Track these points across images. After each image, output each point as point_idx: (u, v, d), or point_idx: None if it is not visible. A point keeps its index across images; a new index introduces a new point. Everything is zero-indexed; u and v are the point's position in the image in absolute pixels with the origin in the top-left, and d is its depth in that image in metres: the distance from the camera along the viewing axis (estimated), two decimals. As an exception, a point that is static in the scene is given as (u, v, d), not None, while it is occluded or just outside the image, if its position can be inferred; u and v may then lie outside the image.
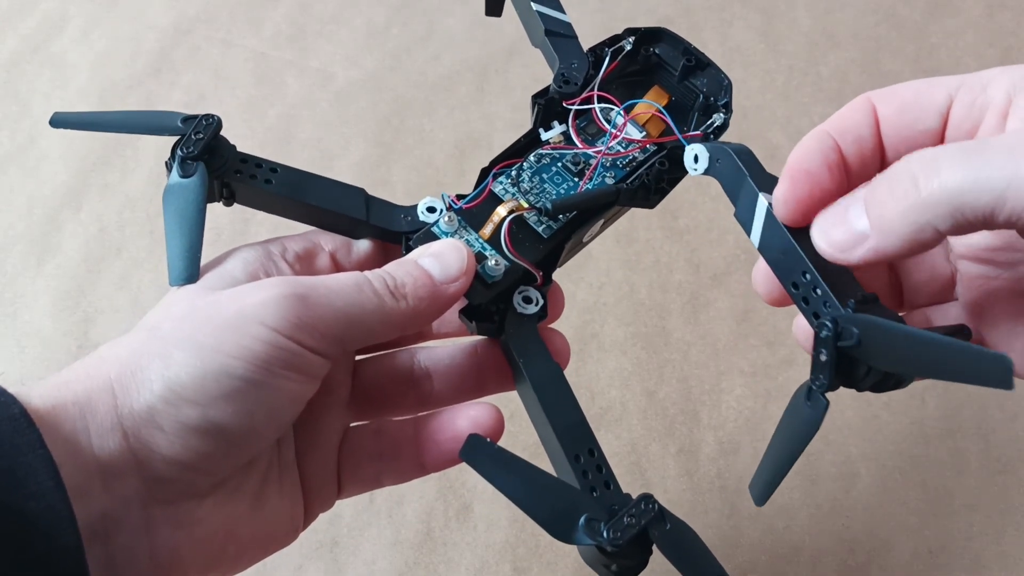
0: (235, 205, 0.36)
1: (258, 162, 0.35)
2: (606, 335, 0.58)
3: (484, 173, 0.37)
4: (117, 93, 0.68)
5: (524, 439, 0.53)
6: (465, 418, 0.35)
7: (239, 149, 0.35)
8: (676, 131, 0.36)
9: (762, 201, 0.30)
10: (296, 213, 0.36)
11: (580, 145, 0.38)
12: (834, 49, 0.70)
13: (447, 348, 0.38)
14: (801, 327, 0.31)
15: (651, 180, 0.37)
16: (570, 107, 0.37)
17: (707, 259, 0.61)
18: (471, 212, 0.36)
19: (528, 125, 0.38)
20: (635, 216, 0.62)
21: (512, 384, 0.36)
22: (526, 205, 0.36)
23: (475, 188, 0.37)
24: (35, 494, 0.25)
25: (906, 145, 0.28)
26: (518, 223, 0.36)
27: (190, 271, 0.32)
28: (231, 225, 0.61)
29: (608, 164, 0.38)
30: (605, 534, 0.29)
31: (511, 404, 0.54)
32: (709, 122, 0.37)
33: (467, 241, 0.35)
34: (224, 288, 0.31)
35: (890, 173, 0.26)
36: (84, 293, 0.60)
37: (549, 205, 0.35)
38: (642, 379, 0.56)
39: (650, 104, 0.38)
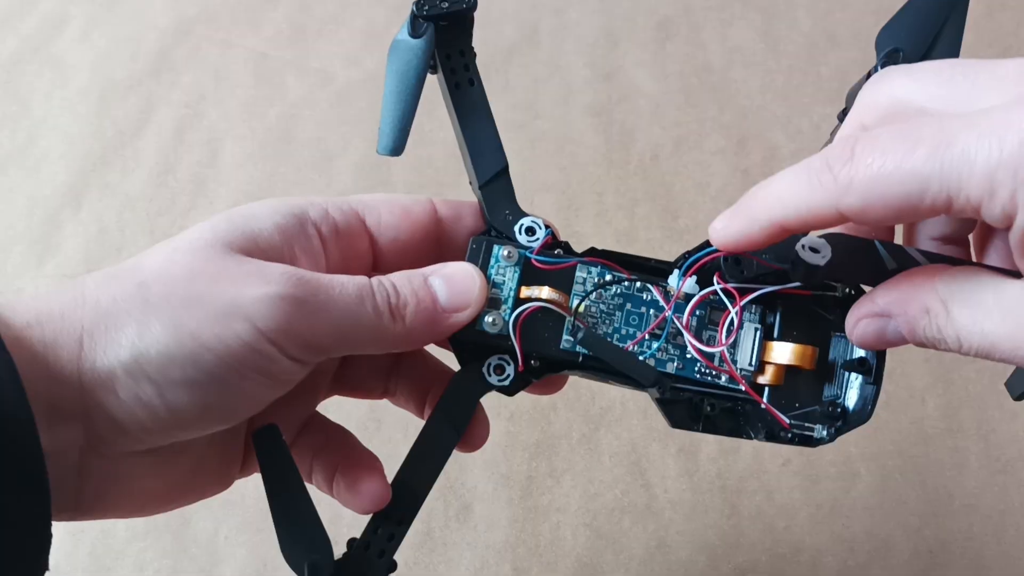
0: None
1: (466, 64, 0.35)
2: (606, 335, 0.58)
3: (592, 253, 0.33)
4: (117, 93, 0.67)
5: (524, 439, 0.53)
6: (371, 479, 0.34)
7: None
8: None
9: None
10: (452, 124, 0.36)
11: (685, 320, 0.32)
12: (834, 49, 0.70)
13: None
14: None
15: (698, 407, 0.32)
16: (717, 285, 0.31)
17: (707, 259, 0.61)
18: (535, 266, 0.33)
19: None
20: (635, 216, 0.62)
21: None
22: (571, 307, 0.32)
23: (577, 252, 0.34)
24: None
25: None
26: (553, 316, 0.32)
27: (396, 143, 0.33)
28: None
29: (689, 356, 0.32)
30: None
31: (512, 404, 0.54)
32: (807, 429, 0.32)
33: (504, 283, 0.32)
34: (241, 247, 0.30)
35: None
36: (84, 293, 0.60)
37: (582, 332, 0.31)
38: (642, 379, 0.56)
39: (802, 355, 0.32)
